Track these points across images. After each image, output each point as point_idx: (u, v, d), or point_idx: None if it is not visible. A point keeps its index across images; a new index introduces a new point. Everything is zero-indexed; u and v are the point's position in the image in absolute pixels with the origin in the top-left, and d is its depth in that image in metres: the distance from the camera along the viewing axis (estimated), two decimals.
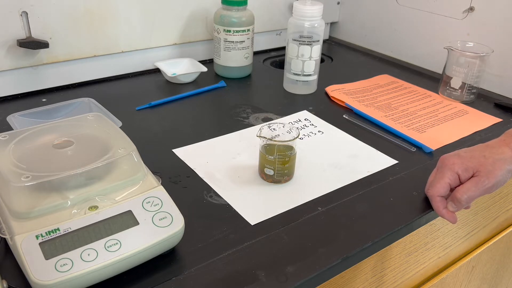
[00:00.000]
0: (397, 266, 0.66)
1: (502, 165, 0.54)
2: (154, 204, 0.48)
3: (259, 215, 0.56)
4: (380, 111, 0.84)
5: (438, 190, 0.56)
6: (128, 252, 0.44)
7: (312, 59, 0.87)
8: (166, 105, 0.84)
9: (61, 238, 0.43)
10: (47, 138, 0.53)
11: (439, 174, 0.57)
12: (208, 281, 0.46)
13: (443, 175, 0.56)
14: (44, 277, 0.40)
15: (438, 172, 0.58)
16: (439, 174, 0.57)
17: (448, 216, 0.56)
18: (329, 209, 0.58)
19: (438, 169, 0.58)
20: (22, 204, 0.44)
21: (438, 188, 0.56)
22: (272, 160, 0.60)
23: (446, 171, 0.56)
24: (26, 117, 0.71)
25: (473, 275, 0.87)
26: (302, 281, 0.47)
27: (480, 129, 0.79)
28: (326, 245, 0.51)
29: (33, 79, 0.84)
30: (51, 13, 0.81)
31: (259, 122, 0.79)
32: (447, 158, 0.57)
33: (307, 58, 0.87)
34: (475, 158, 0.55)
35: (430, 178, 0.59)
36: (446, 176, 0.56)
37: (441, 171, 0.57)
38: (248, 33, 0.93)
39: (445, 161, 0.57)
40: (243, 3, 0.91)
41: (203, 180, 0.62)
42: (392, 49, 1.12)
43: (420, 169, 0.67)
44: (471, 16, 0.94)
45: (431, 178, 0.59)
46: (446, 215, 0.56)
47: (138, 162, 0.52)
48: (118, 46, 0.91)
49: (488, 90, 0.94)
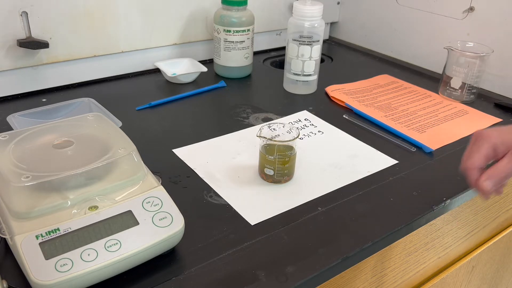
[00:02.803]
0: (397, 266, 0.66)
1: None
2: (154, 204, 0.48)
3: (259, 215, 0.56)
4: (380, 111, 0.84)
5: (475, 162, 0.55)
6: (128, 252, 0.44)
7: (312, 59, 0.87)
8: (166, 105, 0.84)
9: (61, 238, 0.43)
10: (47, 138, 0.53)
11: (475, 147, 0.55)
12: (208, 281, 0.46)
13: (479, 147, 0.55)
14: (44, 277, 0.40)
15: (474, 145, 0.56)
16: (475, 146, 0.55)
17: (483, 189, 0.54)
18: (329, 209, 0.58)
19: (474, 143, 0.56)
20: (22, 204, 0.44)
21: (475, 160, 0.55)
22: (272, 160, 0.60)
23: (483, 143, 0.55)
24: (26, 117, 0.71)
25: (473, 275, 0.87)
26: (302, 281, 0.47)
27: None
28: (326, 245, 0.51)
29: (33, 79, 0.84)
30: (51, 13, 0.81)
31: (259, 122, 0.79)
32: (483, 131, 0.56)
33: (307, 58, 0.87)
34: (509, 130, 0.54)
35: (466, 154, 0.57)
36: (483, 147, 0.54)
37: (477, 144, 0.55)
38: (248, 33, 0.93)
39: (481, 134, 0.56)
40: (243, 3, 0.91)
41: (203, 180, 0.62)
42: (392, 49, 1.12)
43: (420, 169, 0.67)
44: (471, 16, 0.94)
45: (467, 153, 0.57)
46: (481, 187, 0.54)
47: (138, 162, 0.52)
48: (118, 46, 0.91)
49: (488, 90, 0.94)
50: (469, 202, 0.72)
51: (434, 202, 0.59)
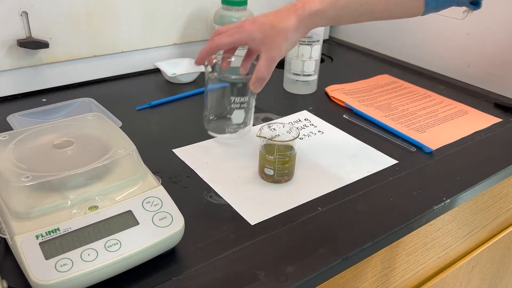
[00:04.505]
0: (397, 266, 0.66)
1: (285, 36, 0.56)
2: (154, 204, 0.48)
3: (259, 215, 0.56)
4: (380, 111, 0.84)
5: (223, 42, 0.58)
6: (128, 252, 0.44)
7: (312, 59, 0.87)
8: (166, 105, 0.84)
9: (61, 238, 0.43)
10: (47, 138, 0.53)
11: (233, 31, 0.59)
12: (208, 281, 0.46)
13: (234, 35, 0.58)
14: (44, 277, 0.40)
15: (235, 30, 0.59)
16: (233, 31, 0.59)
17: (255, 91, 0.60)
18: (329, 209, 0.58)
19: (236, 28, 0.59)
20: (22, 204, 0.44)
21: (223, 41, 0.58)
22: (272, 160, 0.60)
23: (241, 34, 0.58)
24: (26, 117, 0.71)
25: (473, 275, 0.87)
26: (302, 281, 0.47)
27: (480, 129, 0.79)
28: (326, 245, 0.51)
29: (33, 79, 0.84)
30: (51, 13, 0.81)
31: (259, 122, 0.79)
32: (247, 22, 0.58)
33: (307, 58, 0.87)
34: (265, 26, 0.57)
35: (223, 28, 0.60)
36: (236, 37, 0.58)
37: (237, 31, 0.58)
38: None
39: (245, 25, 0.58)
40: (243, 3, 0.91)
41: (203, 180, 0.62)
42: (392, 49, 1.12)
43: (420, 169, 0.67)
44: (471, 16, 0.94)
45: (224, 29, 0.60)
46: (254, 90, 0.60)
47: (138, 162, 0.52)
48: (118, 46, 0.91)
49: (488, 90, 0.94)
50: (469, 202, 0.72)
51: (434, 202, 0.59)
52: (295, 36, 0.57)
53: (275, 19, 0.57)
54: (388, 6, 0.57)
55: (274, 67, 0.58)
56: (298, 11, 0.57)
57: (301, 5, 0.57)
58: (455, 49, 0.98)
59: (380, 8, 0.57)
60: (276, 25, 0.56)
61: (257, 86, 0.59)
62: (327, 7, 0.56)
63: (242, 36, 0.58)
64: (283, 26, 0.56)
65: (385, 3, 0.56)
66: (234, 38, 0.58)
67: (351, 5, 0.56)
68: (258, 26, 0.57)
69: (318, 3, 0.56)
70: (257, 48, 0.58)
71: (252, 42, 0.58)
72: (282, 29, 0.56)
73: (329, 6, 0.56)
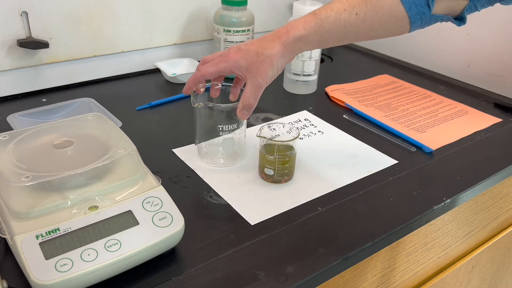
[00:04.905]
0: (397, 266, 0.66)
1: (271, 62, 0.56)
2: (154, 204, 0.48)
3: (259, 215, 0.56)
4: (380, 111, 0.84)
5: (209, 72, 0.58)
6: (128, 252, 0.44)
7: (312, 59, 0.87)
8: (166, 105, 0.84)
9: (61, 238, 0.43)
10: (47, 138, 0.53)
11: (218, 60, 0.58)
12: (208, 281, 0.46)
13: (219, 64, 0.58)
14: (44, 277, 0.40)
15: (220, 59, 0.58)
16: (218, 60, 0.58)
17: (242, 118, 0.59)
18: (329, 209, 0.58)
19: (221, 56, 0.59)
20: (22, 204, 0.44)
21: (209, 71, 0.58)
22: (272, 160, 0.60)
23: (226, 63, 0.58)
24: (26, 117, 0.71)
25: (473, 275, 0.87)
26: (302, 281, 0.47)
27: (480, 129, 0.79)
28: (326, 245, 0.51)
29: (33, 79, 0.84)
30: (51, 13, 0.81)
31: (259, 122, 0.79)
32: (232, 51, 0.58)
33: (307, 58, 0.87)
34: (250, 54, 0.56)
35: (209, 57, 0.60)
36: (221, 66, 0.58)
37: (222, 60, 0.58)
38: (248, 33, 0.93)
39: (230, 53, 0.58)
40: (243, 3, 0.91)
41: (203, 180, 0.62)
42: (392, 49, 1.12)
43: (420, 169, 0.67)
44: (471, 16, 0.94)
45: (210, 57, 0.60)
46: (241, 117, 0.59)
47: (138, 162, 0.52)
48: (118, 46, 0.91)
49: (488, 90, 0.94)
50: (469, 202, 0.72)
51: (434, 202, 0.59)
52: (281, 62, 0.57)
53: (260, 46, 0.56)
54: (372, 27, 0.56)
55: (260, 94, 0.58)
56: (283, 38, 0.56)
57: (285, 31, 0.57)
58: (455, 49, 0.98)
59: (364, 29, 0.56)
60: (261, 52, 0.56)
61: (245, 114, 0.59)
62: (311, 32, 0.56)
63: (227, 65, 0.57)
64: (268, 53, 0.56)
65: (369, 24, 0.55)
66: (220, 67, 0.58)
67: (335, 28, 0.56)
68: (243, 54, 0.57)
69: (302, 29, 0.56)
70: (243, 76, 0.58)
71: (238, 70, 0.57)
72: (267, 55, 0.56)
73: (313, 31, 0.56)
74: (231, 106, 0.62)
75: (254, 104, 0.58)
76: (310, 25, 0.56)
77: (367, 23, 0.55)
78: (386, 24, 0.55)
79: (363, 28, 0.56)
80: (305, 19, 0.56)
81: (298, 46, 0.57)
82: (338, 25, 0.55)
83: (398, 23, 0.55)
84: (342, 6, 0.55)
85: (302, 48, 0.57)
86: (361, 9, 0.54)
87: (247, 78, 0.57)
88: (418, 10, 0.54)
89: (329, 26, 0.55)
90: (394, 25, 0.56)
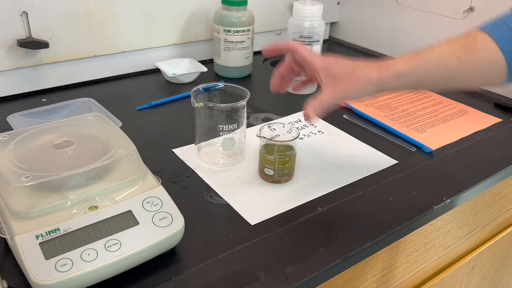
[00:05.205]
0: (397, 266, 0.66)
1: (360, 85, 0.55)
2: (154, 204, 0.48)
3: (259, 215, 0.56)
4: (380, 111, 0.84)
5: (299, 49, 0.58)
6: (128, 252, 0.44)
7: None
8: (166, 105, 0.84)
9: (61, 238, 0.43)
10: (47, 138, 0.53)
11: (311, 53, 0.58)
12: (208, 281, 0.46)
13: (310, 52, 0.57)
14: (44, 277, 0.40)
15: (314, 54, 0.58)
16: (312, 53, 0.58)
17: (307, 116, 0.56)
18: (329, 209, 0.58)
19: (317, 54, 0.58)
20: (22, 204, 0.44)
21: (300, 49, 0.58)
22: (272, 160, 0.60)
23: (317, 59, 0.57)
24: (26, 117, 0.71)
25: (473, 275, 0.87)
26: (302, 281, 0.47)
27: (480, 129, 0.79)
28: (326, 245, 0.51)
29: (33, 79, 0.84)
30: (51, 13, 0.81)
31: (259, 122, 0.79)
32: (329, 56, 0.57)
33: None
34: (345, 66, 0.55)
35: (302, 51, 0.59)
36: (310, 55, 0.57)
37: (315, 55, 0.57)
38: (248, 33, 0.93)
39: (327, 55, 0.57)
40: (243, 3, 0.91)
41: (203, 180, 0.62)
42: (392, 49, 1.12)
43: (420, 169, 0.67)
44: (471, 16, 0.94)
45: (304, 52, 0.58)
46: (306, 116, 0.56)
47: (138, 162, 0.52)
48: (118, 46, 0.91)
49: (488, 90, 0.94)
50: (469, 202, 0.72)
51: (434, 202, 0.59)
52: (368, 90, 0.55)
53: (358, 66, 0.55)
54: (472, 74, 0.54)
55: (333, 106, 0.55)
56: (382, 69, 0.54)
57: (385, 64, 0.55)
58: None
59: (464, 75, 0.54)
60: (357, 71, 0.55)
61: (311, 113, 0.55)
62: (412, 70, 0.54)
63: (319, 61, 0.56)
64: (363, 75, 0.54)
65: (470, 70, 0.53)
66: (311, 55, 0.57)
67: (436, 70, 0.54)
68: (339, 64, 0.55)
69: (403, 65, 0.54)
70: (323, 80, 0.55)
71: (323, 72, 0.55)
72: (361, 76, 0.54)
73: (414, 68, 0.54)
74: (231, 106, 0.62)
75: (325, 111, 0.55)
76: (412, 63, 0.54)
77: (467, 69, 0.53)
78: (485, 71, 0.54)
79: (463, 74, 0.54)
80: (407, 57, 0.55)
81: (393, 83, 0.54)
82: (439, 67, 0.54)
83: (497, 72, 0.54)
84: (444, 49, 0.54)
85: (396, 86, 0.55)
86: (463, 54, 0.53)
87: (327, 85, 0.55)
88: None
89: (431, 67, 0.54)
90: (493, 73, 0.54)
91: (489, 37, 0.53)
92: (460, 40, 0.55)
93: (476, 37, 0.54)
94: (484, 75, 0.54)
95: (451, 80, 0.55)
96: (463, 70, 0.54)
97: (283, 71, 0.62)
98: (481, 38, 0.53)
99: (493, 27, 0.54)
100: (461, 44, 0.54)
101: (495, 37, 0.53)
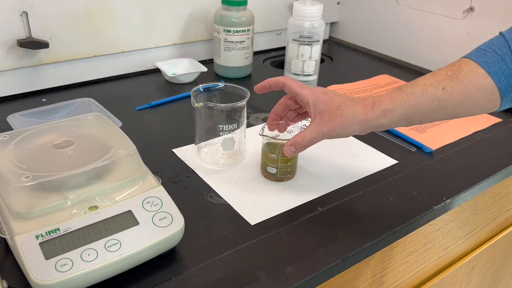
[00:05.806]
0: (397, 266, 0.66)
1: (345, 122, 0.54)
2: (154, 204, 0.48)
3: (259, 215, 0.56)
4: None
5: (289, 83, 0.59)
6: (128, 252, 0.44)
7: (312, 59, 0.87)
8: (166, 105, 0.84)
9: (61, 238, 0.43)
10: (47, 138, 0.53)
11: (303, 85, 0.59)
12: (208, 281, 0.46)
13: (301, 85, 0.59)
14: (44, 277, 0.40)
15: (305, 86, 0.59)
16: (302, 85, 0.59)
17: (287, 153, 0.58)
18: (329, 209, 0.58)
19: (307, 86, 0.59)
20: (22, 204, 0.44)
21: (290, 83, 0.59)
22: (275, 158, 0.60)
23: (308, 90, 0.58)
24: (26, 117, 0.71)
25: (473, 275, 0.87)
26: (302, 281, 0.47)
27: (480, 129, 0.79)
28: (326, 245, 0.51)
29: (33, 79, 0.84)
30: (51, 13, 0.81)
31: (259, 122, 0.79)
32: (319, 89, 0.58)
33: (307, 58, 0.87)
34: (332, 103, 0.55)
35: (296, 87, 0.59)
36: (301, 88, 0.58)
37: (306, 87, 0.58)
38: (248, 33, 0.93)
39: (316, 88, 0.58)
40: (243, 3, 0.91)
41: (203, 180, 0.62)
42: (392, 49, 1.12)
43: (420, 169, 0.67)
44: (471, 16, 0.94)
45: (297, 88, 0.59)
46: (286, 152, 0.58)
47: (138, 162, 0.52)
48: (118, 46, 0.91)
49: None
50: (469, 202, 0.72)
51: (434, 202, 0.59)
52: (353, 129, 0.55)
53: (345, 102, 0.55)
54: (461, 102, 0.53)
55: (316, 142, 0.56)
56: (367, 108, 0.54)
57: (371, 102, 0.54)
58: (455, 49, 0.98)
59: (453, 105, 0.53)
60: (343, 108, 0.54)
61: (291, 151, 0.57)
62: (396, 105, 0.53)
63: (308, 94, 0.57)
64: (349, 112, 0.54)
65: (458, 98, 0.52)
66: (301, 89, 0.57)
67: (422, 103, 0.53)
68: (327, 99, 0.56)
69: (388, 102, 0.54)
70: (312, 115, 0.56)
71: (312, 106, 0.56)
72: (347, 114, 0.54)
73: (398, 104, 0.53)
74: (231, 106, 0.62)
75: (305, 147, 0.56)
76: (396, 99, 0.54)
77: (455, 97, 0.52)
78: (475, 98, 0.52)
79: (451, 103, 0.53)
80: (391, 94, 0.54)
81: (381, 121, 0.54)
82: (425, 99, 0.53)
83: (488, 97, 0.52)
84: (428, 81, 0.53)
85: (384, 123, 0.54)
86: (448, 84, 0.52)
87: (314, 120, 0.56)
88: (508, 82, 0.51)
89: (415, 100, 0.53)
90: (484, 99, 0.52)
91: (475, 63, 0.52)
92: (445, 69, 0.54)
93: (461, 65, 0.53)
94: (475, 102, 0.53)
95: (442, 111, 0.53)
96: (450, 100, 0.52)
97: (277, 111, 0.63)
98: (467, 65, 0.52)
99: (478, 53, 0.52)
100: (445, 73, 0.53)
101: (481, 62, 0.51)
